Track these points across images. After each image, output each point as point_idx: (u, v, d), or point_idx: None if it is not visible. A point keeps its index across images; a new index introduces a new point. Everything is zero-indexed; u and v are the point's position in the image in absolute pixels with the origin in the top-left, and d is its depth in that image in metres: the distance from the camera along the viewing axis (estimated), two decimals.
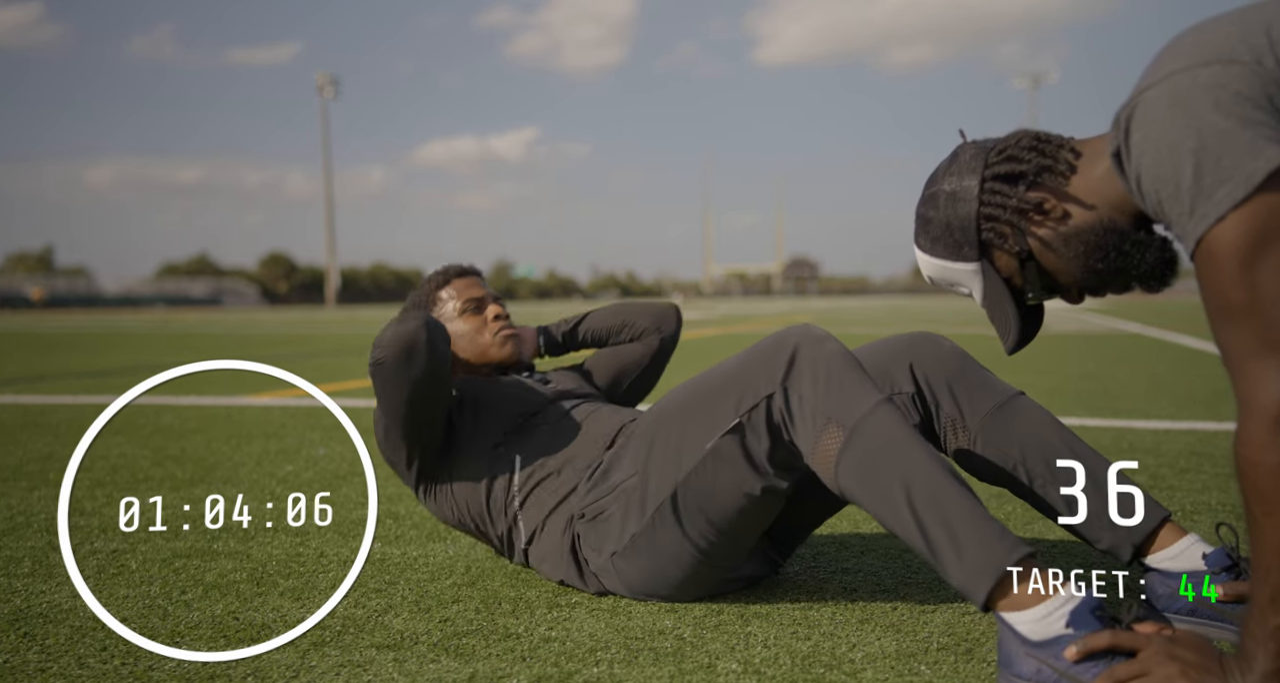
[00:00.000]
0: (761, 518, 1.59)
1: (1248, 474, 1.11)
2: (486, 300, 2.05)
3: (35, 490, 2.79)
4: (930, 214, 1.43)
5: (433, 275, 2.10)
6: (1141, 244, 1.33)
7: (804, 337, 1.50)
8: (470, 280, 2.08)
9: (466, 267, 2.11)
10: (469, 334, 2.01)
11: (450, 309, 2.03)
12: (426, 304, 2.06)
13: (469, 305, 2.02)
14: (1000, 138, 1.41)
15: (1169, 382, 5.81)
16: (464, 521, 1.86)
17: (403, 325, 1.68)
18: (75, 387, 6.35)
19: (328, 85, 66.38)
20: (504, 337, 2.01)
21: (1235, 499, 2.48)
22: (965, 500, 1.33)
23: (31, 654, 1.46)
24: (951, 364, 1.71)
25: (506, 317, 2.05)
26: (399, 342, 1.67)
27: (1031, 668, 1.25)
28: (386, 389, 1.73)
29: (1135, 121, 1.16)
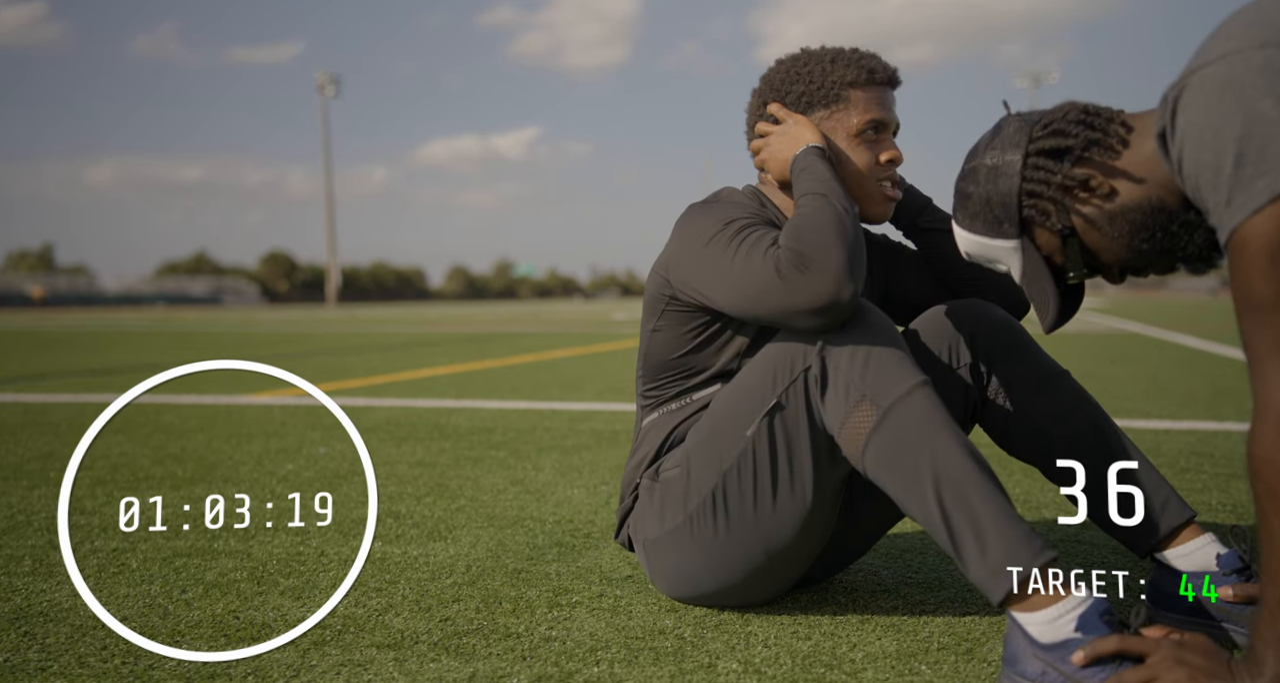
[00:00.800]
0: (809, 535, 1.51)
1: (1260, 472, 1.09)
2: (890, 130, 1.63)
3: (36, 489, 2.79)
4: (970, 189, 1.38)
5: (848, 59, 1.62)
6: (1190, 225, 1.28)
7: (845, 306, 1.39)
8: (887, 95, 1.63)
9: (893, 71, 1.64)
10: (855, 168, 1.60)
11: (852, 121, 1.60)
12: (829, 94, 1.61)
13: (870, 126, 1.61)
14: (1046, 110, 1.37)
15: (1169, 382, 5.81)
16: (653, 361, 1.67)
17: (849, 281, 1.37)
18: (76, 385, 6.35)
19: (328, 84, 66.38)
20: (888, 195, 1.63)
21: (1235, 499, 2.48)
22: (994, 496, 1.31)
23: (32, 653, 1.46)
24: (1004, 334, 1.63)
25: (898, 163, 1.65)
26: (824, 300, 1.37)
27: (1037, 670, 1.25)
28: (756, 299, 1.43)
29: (1183, 102, 1.12)
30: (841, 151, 1.61)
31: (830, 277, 1.38)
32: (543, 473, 3.00)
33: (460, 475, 2.96)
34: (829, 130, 1.62)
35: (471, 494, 2.68)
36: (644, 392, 1.71)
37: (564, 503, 2.56)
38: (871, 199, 1.62)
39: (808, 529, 1.51)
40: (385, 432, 3.94)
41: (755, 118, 1.69)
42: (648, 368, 1.69)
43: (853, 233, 1.44)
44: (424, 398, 5.36)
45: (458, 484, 2.82)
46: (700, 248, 1.52)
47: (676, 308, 1.62)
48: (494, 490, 2.73)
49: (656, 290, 1.64)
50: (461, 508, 2.50)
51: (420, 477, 2.95)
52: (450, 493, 2.70)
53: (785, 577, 1.59)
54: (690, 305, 1.59)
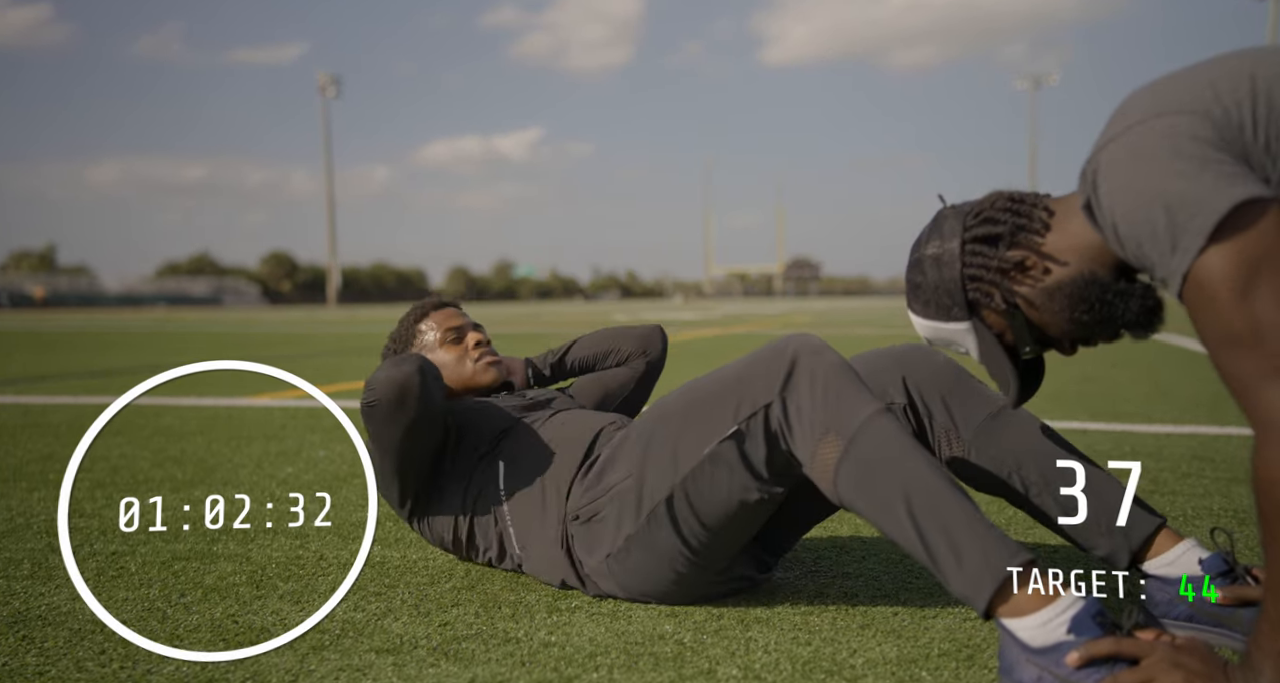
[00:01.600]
0: (753, 522, 1.60)
1: (1268, 493, 1.12)
2: (466, 329, 2.11)
3: (35, 491, 2.79)
4: (919, 279, 1.47)
5: (411, 311, 2.16)
6: (1124, 294, 1.35)
7: (802, 346, 1.51)
8: (448, 312, 2.14)
9: (445, 300, 2.18)
10: (452, 363, 2.06)
11: (431, 340, 2.09)
12: (407, 339, 2.11)
13: (449, 336, 2.09)
14: (977, 201, 1.46)
15: (1171, 385, 5.81)
16: (457, 536, 1.87)
17: (397, 369, 1.68)
18: (76, 387, 6.35)
19: (329, 85, 66.40)
20: (486, 363, 2.07)
21: (1236, 503, 2.48)
22: (965, 508, 1.34)
23: (30, 657, 1.46)
24: (943, 375, 1.73)
25: (487, 342, 2.11)
26: (392, 385, 1.68)
27: (1033, 675, 1.25)
28: (380, 430, 1.73)
29: (1101, 175, 1.21)
30: (440, 358, 2.07)
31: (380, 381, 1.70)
32: None
33: None
34: (428, 352, 2.08)
35: None
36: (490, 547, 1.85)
37: None
38: (480, 372, 2.06)
39: (744, 530, 1.61)
40: None
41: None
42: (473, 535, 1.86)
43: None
44: None
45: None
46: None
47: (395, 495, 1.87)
48: None
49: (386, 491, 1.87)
50: None
51: None
52: None
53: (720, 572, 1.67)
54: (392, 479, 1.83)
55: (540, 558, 1.77)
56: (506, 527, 1.81)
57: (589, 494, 1.69)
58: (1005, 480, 1.66)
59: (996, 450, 1.67)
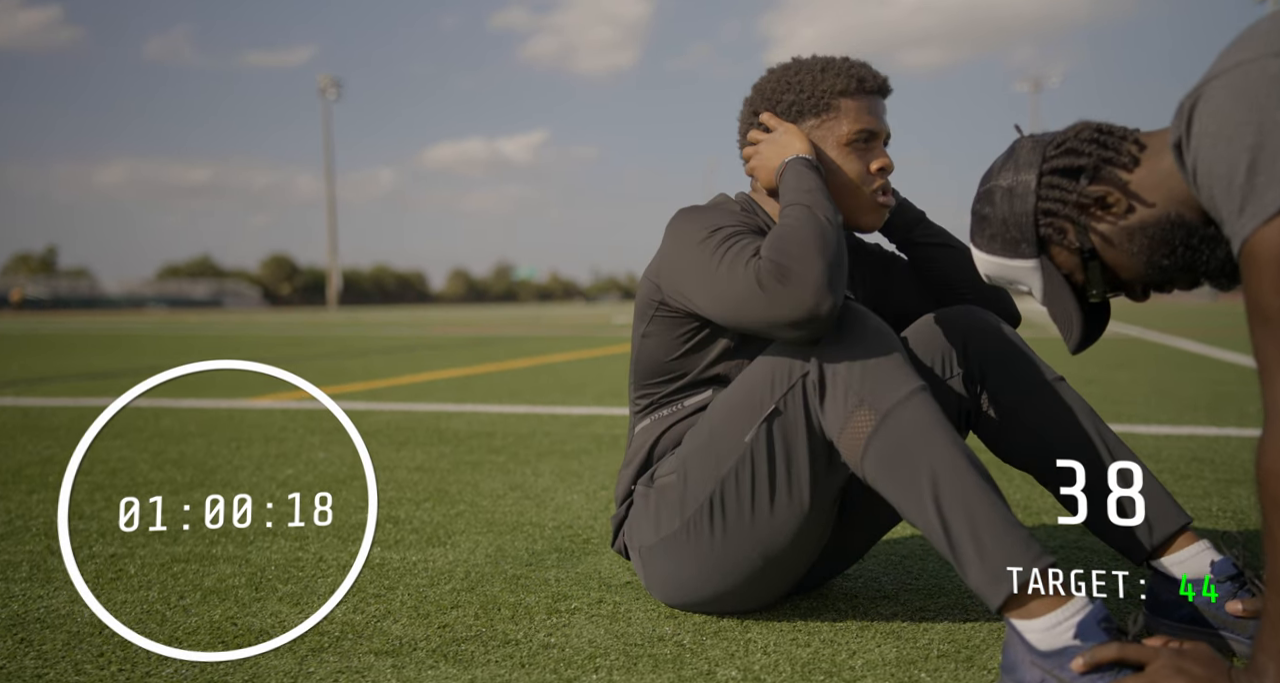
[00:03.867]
0: (806, 541, 1.51)
1: (1266, 484, 1.08)
2: (880, 140, 1.64)
3: (34, 493, 2.79)
4: (986, 211, 1.38)
5: (839, 68, 1.63)
6: (1211, 240, 1.26)
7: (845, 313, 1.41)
8: (878, 104, 1.64)
9: (883, 79, 1.65)
10: (847, 177, 1.61)
11: (843, 130, 1.61)
12: (819, 104, 1.62)
13: (861, 136, 1.61)
14: (1060, 131, 1.37)
15: (1170, 387, 5.80)
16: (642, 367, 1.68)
17: (828, 296, 1.37)
18: (75, 389, 6.35)
19: (330, 87, 66.46)
20: (880, 203, 1.64)
21: (1235, 505, 2.47)
22: (993, 502, 1.31)
23: (28, 660, 1.46)
24: (999, 341, 1.63)
25: (889, 173, 1.66)
26: (803, 309, 1.37)
27: (1036, 677, 1.24)
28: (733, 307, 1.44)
29: (1198, 111, 1.11)
30: (832, 160, 1.61)
31: (809, 289, 1.37)
32: (542, 478, 3.00)
33: (460, 480, 2.96)
34: (819, 139, 1.62)
35: (471, 499, 2.67)
36: (636, 398, 1.71)
37: (563, 508, 2.56)
38: (863, 208, 1.63)
39: (804, 535, 1.50)
40: (385, 436, 3.94)
41: (747, 126, 1.70)
42: (639, 373, 1.70)
43: (834, 245, 1.43)
44: (424, 402, 5.35)
45: (457, 489, 2.82)
46: (687, 254, 1.53)
47: (665, 313, 1.62)
48: (493, 496, 2.73)
49: (646, 296, 1.65)
50: (461, 513, 2.50)
51: (419, 482, 2.94)
52: (449, 498, 2.69)
53: (781, 582, 1.59)
54: (679, 311, 1.59)
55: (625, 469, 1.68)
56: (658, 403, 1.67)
57: (668, 465, 1.60)
58: (1036, 458, 1.60)
59: (1036, 425, 1.60)
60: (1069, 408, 1.61)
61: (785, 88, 1.64)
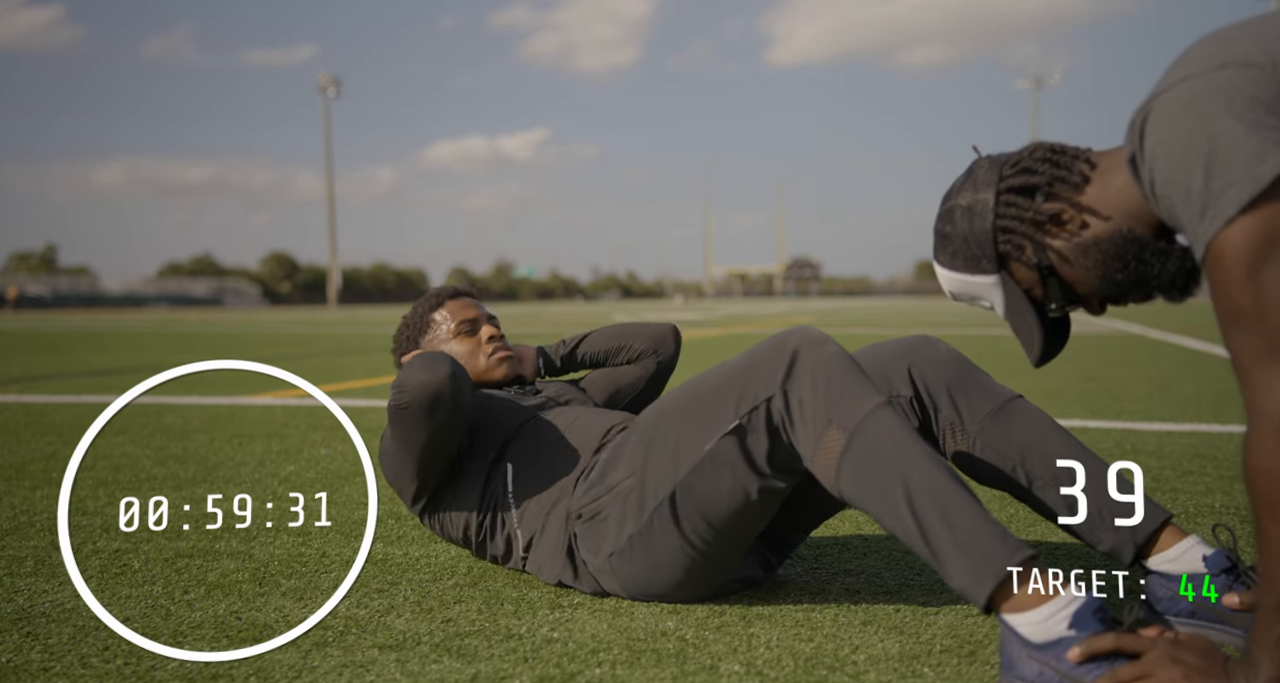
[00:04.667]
0: (758, 519, 1.59)
1: (1255, 482, 1.10)
2: (480, 321, 2.08)
3: (38, 490, 2.79)
4: (948, 229, 1.43)
5: (427, 297, 2.12)
6: (1162, 253, 1.31)
7: (804, 339, 1.50)
8: (464, 302, 2.10)
9: (461, 288, 2.14)
10: (464, 356, 2.04)
11: (445, 332, 2.06)
12: (421, 328, 2.08)
13: (463, 327, 2.06)
14: (1015, 152, 1.41)
15: (1171, 384, 5.81)
16: (467, 535, 1.87)
17: (430, 373, 1.66)
18: (78, 386, 6.36)
19: (330, 85, 66.47)
20: (499, 358, 2.05)
21: (1238, 502, 2.48)
22: (967, 503, 1.33)
23: (34, 654, 1.46)
24: (949, 368, 1.71)
25: (501, 337, 2.08)
26: (426, 391, 1.66)
27: (1034, 671, 1.25)
28: (407, 431, 1.73)
29: (1149, 126, 1.15)
30: (454, 351, 2.04)
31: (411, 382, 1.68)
32: None
33: None
34: (438, 346, 2.06)
35: None
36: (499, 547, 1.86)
37: None
38: (493, 367, 2.05)
39: (749, 530, 1.59)
40: None
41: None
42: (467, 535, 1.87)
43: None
44: None
45: None
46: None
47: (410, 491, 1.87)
48: None
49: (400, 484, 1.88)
50: None
51: None
52: None
53: (726, 572, 1.67)
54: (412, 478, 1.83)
55: (543, 557, 1.77)
56: (514, 528, 1.82)
57: (591, 493, 1.69)
58: (1009, 475, 1.66)
59: (1001, 444, 1.66)
60: (1029, 426, 1.66)
61: (401, 330, 2.12)
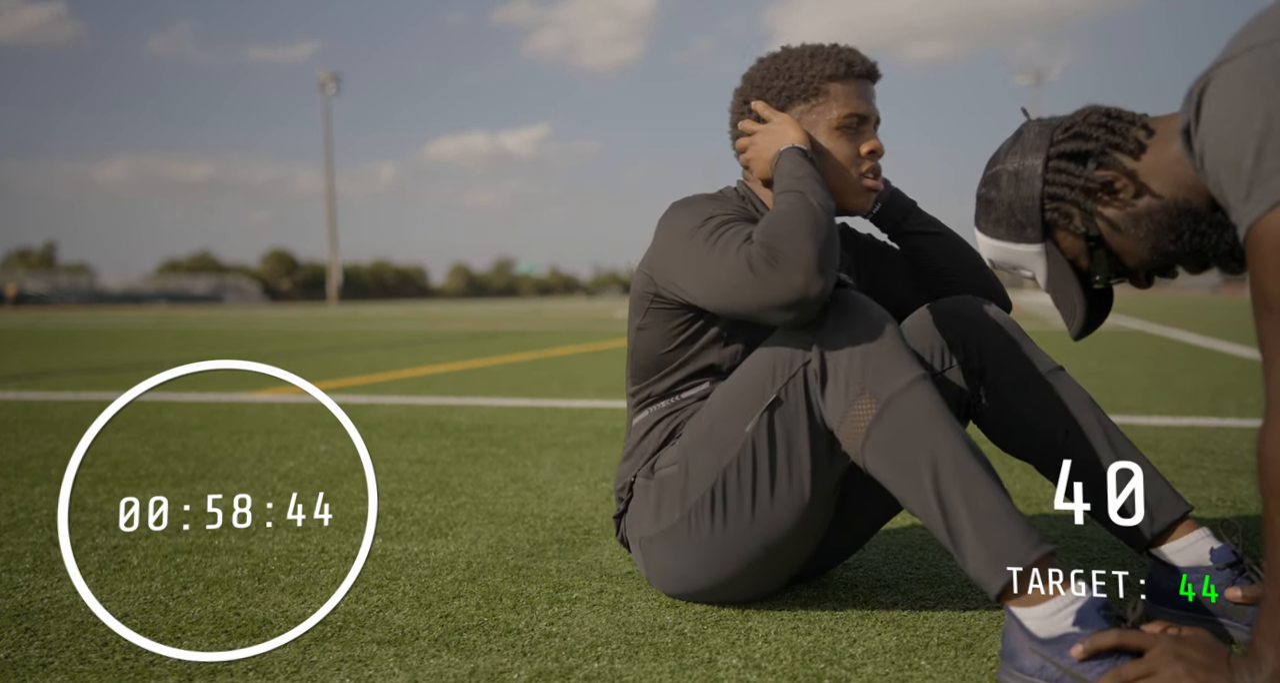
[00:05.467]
0: (808, 518, 1.50)
1: (1266, 472, 1.08)
2: (871, 123, 1.65)
3: (37, 486, 2.79)
4: (992, 195, 1.37)
5: (828, 54, 1.63)
6: (1219, 225, 1.25)
7: (846, 303, 1.42)
8: (867, 88, 1.65)
9: (872, 64, 1.66)
10: (836, 160, 1.62)
11: (832, 114, 1.61)
12: (809, 89, 1.62)
13: (851, 121, 1.62)
14: (1068, 115, 1.36)
15: (1170, 378, 5.81)
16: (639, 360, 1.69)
17: (819, 278, 1.37)
18: (77, 383, 6.36)
19: (329, 82, 66.41)
20: (868, 186, 1.64)
21: (1235, 495, 2.48)
22: (993, 491, 1.31)
23: (33, 650, 1.47)
24: (999, 330, 1.64)
25: (879, 157, 1.66)
26: (793, 296, 1.37)
27: (1035, 664, 1.25)
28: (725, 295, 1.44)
29: (1207, 96, 1.09)
30: (822, 144, 1.62)
31: (800, 271, 1.37)
32: (543, 470, 3.00)
33: (461, 473, 2.97)
34: (809, 124, 1.62)
35: (472, 491, 2.68)
36: (634, 390, 1.72)
37: (564, 500, 2.56)
38: (853, 190, 1.64)
39: (805, 525, 1.51)
40: (386, 429, 3.95)
41: (739, 115, 1.70)
42: (636, 366, 1.70)
43: (826, 229, 1.43)
44: (425, 395, 5.36)
45: (458, 481, 2.83)
46: (679, 244, 1.53)
47: (660, 305, 1.62)
48: (494, 487, 2.73)
49: (641, 288, 1.66)
50: (462, 505, 2.50)
51: (421, 474, 2.95)
52: (451, 490, 2.70)
53: (780, 572, 1.60)
54: (673, 302, 1.60)
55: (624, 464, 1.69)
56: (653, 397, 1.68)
57: (643, 472, 1.63)
58: (1036, 447, 1.61)
59: (1036, 415, 1.60)
60: (1068, 399, 1.61)
61: (774, 75, 1.64)
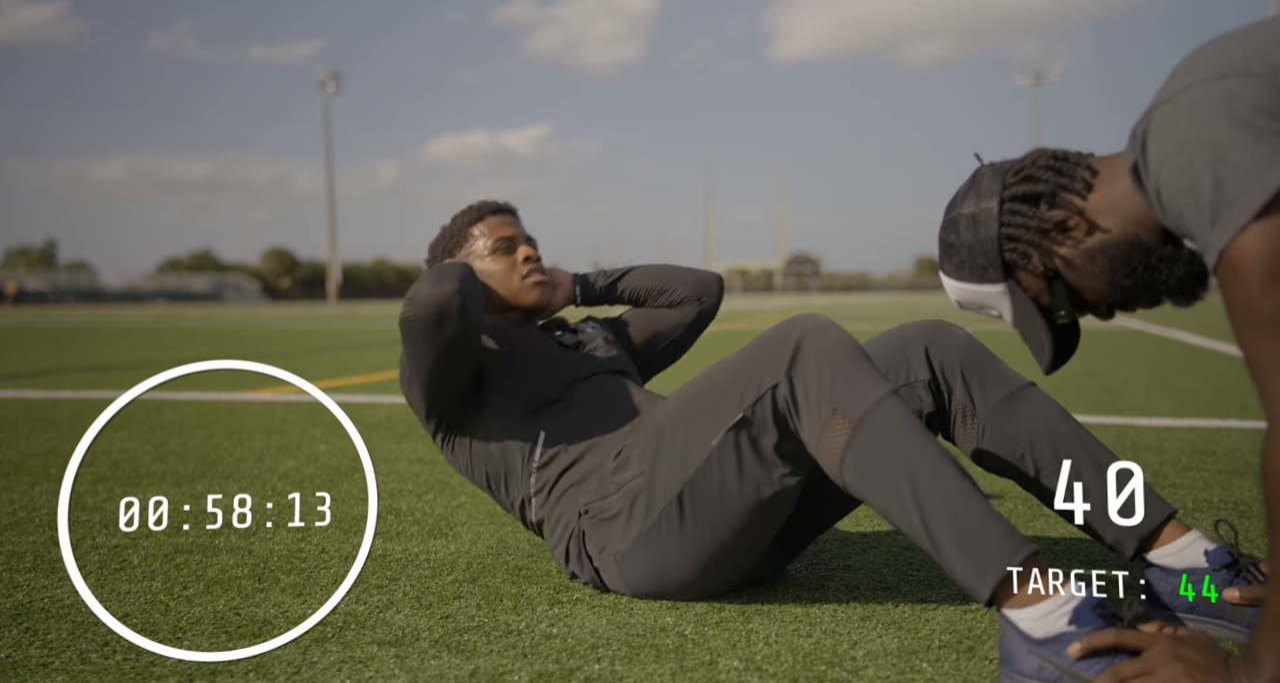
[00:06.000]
0: (770, 519, 1.57)
1: (1274, 483, 1.10)
2: (518, 241, 1.96)
3: (37, 485, 2.79)
4: (953, 239, 1.43)
5: (467, 209, 2.00)
6: (1169, 259, 1.31)
7: (809, 326, 1.48)
8: (504, 219, 1.98)
9: (501, 204, 2.01)
10: (499, 275, 1.93)
11: (481, 247, 1.94)
12: (458, 240, 1.96)
13: (500, 245, 1.93)
14: (1017, 159, 1.41)
15: (1171, 379, 5.81)
16: (479, 480, 1.85)
17: (438, 286, 1.62)
18: (77, 382, 6.36)
19: (329, 80, 66.41)
20: (534, 281, 1.93)
21: (1236, 497, 2.48)
22: (972, 497, 1.33)
23: (34, 649, 1.46)
24: (965, 352, 1.69)
25: (538, 259, 1.96)
26: (432, 304, 1.62)
27: (1034, 666, 1.25)
28: (415, 346, 1.70)
29: (1151, 135, 1.16)
30: (487, 269, 1.93)
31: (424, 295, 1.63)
32: None
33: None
34: (473, 260, 1.95)
35: (472, 491, 2.68)
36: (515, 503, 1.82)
37: None
38: (525, 291, 1.94)
39: (764, 530, 1.58)
40: (386, 429, 3.95)
41: None
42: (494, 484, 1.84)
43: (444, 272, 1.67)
44: None
45: (458, 481, 2.82)
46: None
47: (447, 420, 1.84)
48: None
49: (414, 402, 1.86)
50: (462, 505, 2.50)
51: (421, 474, 2.95)
52: (451, 490, 2.70)
53: (754, 556, 1.65)
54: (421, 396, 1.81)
55: (552, 540, 1.76)
56: (529, 496, 1.78)
57: (601, 490, 1.68)
58: (1016, 463, 1.64)
59: (1011, 432, 1.64)
60: (1041, 414, 1.65)
61: (436, 242, 2.00)
